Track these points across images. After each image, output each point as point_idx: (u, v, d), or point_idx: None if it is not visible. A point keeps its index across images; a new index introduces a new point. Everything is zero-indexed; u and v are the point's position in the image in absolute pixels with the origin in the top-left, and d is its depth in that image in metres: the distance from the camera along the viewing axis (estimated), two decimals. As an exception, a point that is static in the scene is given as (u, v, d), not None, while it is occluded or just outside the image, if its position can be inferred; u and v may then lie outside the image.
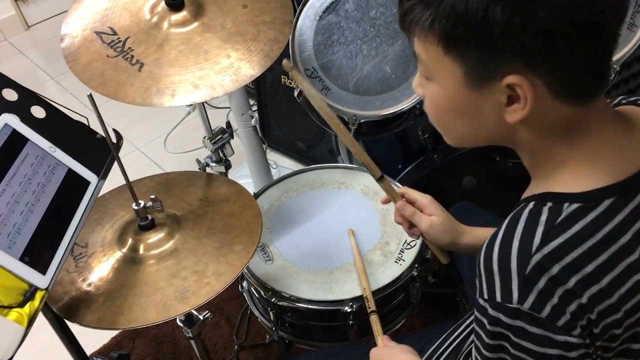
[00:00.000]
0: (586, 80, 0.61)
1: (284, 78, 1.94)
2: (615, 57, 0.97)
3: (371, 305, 1.07)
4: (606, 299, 0.60)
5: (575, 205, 0.61)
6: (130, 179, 0.99)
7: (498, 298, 0.61)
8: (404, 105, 1.27)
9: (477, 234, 1.01)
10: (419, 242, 1.19)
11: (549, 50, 0.57)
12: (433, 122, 0.72)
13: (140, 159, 2.40)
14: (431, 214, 0.99)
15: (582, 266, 0.59)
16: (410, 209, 1.01)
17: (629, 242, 0.61)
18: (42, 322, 0.90)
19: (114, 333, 1.73)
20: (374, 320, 1.04)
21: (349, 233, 1.22)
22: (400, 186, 1.09)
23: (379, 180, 1.01)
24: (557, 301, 0.59)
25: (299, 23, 1.28)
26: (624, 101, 0.73)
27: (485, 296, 0.63)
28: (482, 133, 0.69)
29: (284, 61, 0.92)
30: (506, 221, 0.65)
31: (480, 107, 0.64)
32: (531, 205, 0.64)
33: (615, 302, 0.60)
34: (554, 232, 0.60)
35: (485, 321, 0.63)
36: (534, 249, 0.60)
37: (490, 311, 0.62)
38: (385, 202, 1.06)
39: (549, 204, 0.63)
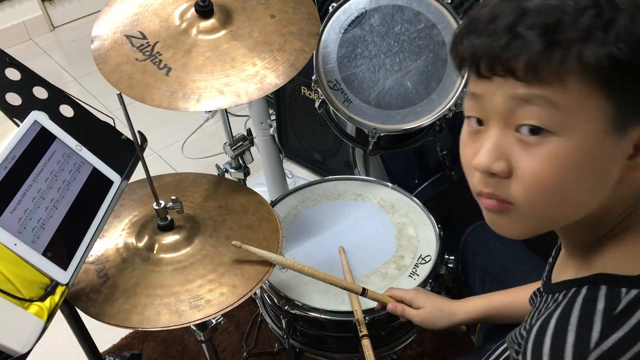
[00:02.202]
0: None
1: (303, 89, 1.95)
2: None
3: (362, 329, 1.06)
4: None
5: (634, 292, 0.54)
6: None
7: None
8: (425, 121, 1.28)
9: (470, 309, 1.06)
10: (433, 257, 1.19)
11: None
12: (534, 201, 0.56)
13: (157, 163, 2.42)
14: (419, 307, 1.04)
15: None
16: (399, 308, 1.06)
17: None
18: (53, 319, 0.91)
19: (124, 334, 1.74)
20: (366, 345, 1.04)
21: (340, 251, 1.21)
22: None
23: (362, 295, 1.06)
24: None
25: (323, 35, 1.29)
26: None
27: None
28: (596, 200, 0.57)
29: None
30: (558, 310, 0.58)
31: (613, 160, 0.54)
32: (584, 291, 0.57)
33: None
34: (614, 324, 0.53)
35: None
36: (592, 344, 0.53)
37: None
38: (380, 307, 1.10)
39: (604, 289, 0.56)
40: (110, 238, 1.05)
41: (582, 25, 0.50)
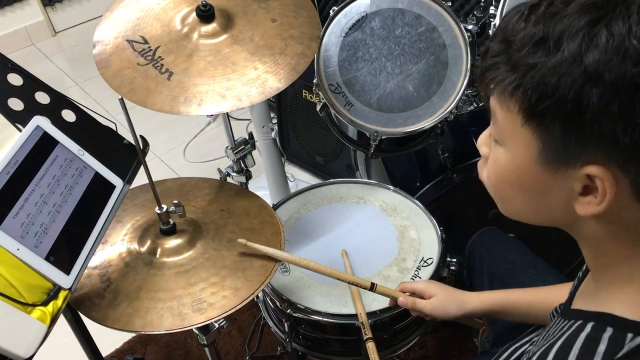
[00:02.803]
0: None
1: (305, 92, 1.96)
2: None
3: (367, 332, 1.06)
4: None
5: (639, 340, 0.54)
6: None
7: None
8: (426, 123, 1.28)
9: (483, 298, 1.04)
10: (436, 260, 1.19)
11: None
12: (488, 187, 0.65)
13: (159, 167, 2.43)
14: (430, 296, 1.03)
15: None
16: (410, 301, 1.05)
17: None
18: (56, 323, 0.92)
19: (126, 338, 1.74)
20: (371, 348, 1.04)
21: (343, 254, 1.22)
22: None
23: (371, 289, 1.06)
24: None
25: (325, 39, 1.30)
26: None
27: None
28: (542, 215, 0.61)
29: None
30: (560, 341, 0.58)
31: (549, 188, 0.57)
32: (588, 328, 0.57)
33: None
34: None
35: None
36: None
37: None
38: (392, 303, 1.09)
39: (609, 331, 0.55)
40: (113, 243, 1.05)
41: (512, 59, 0.53)
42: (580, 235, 0.61)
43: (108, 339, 1.72)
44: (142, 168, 0.99)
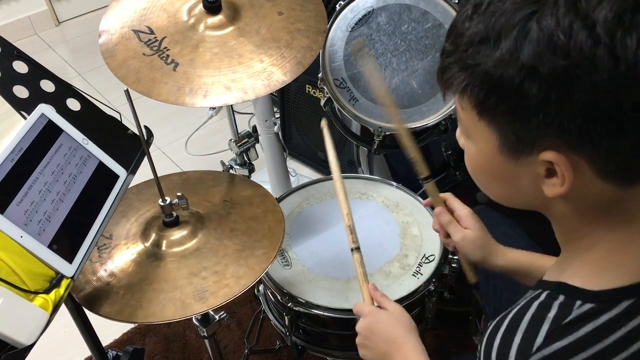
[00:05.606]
0: (636, 161, 0.55)
1: (308, 87, 1.95)
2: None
3: (355, 239, 0.98)
4: None
5: (587, 306, 0.58)
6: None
7: None
8: (430, 120, 1.28)
9: (510, 257, 1.00)
10: (437, 256, 1.19)
11: (590, 131, 0.52)
12: (471, 175, 0.70)
13: (161, 159, 2.43)
14: (467, 227, 0.99)
15: None
16: (447, 216, 1.00)
17: None
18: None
19: (125, 329, 1.74)
20: (357, 259, 0.97)
21: (322, 125, 1.13)
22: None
23: (425, 180, 0.99)
24: None
25: (330, 33, 1.30)
26: None
27: None
28: (517, 198, 0.65)
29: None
30: (516, 308, 0.62)
31: (516, 174, 0.60)
32: (543, 296, 0.61)
33: None
34: (559, 333, 0.57)
35: None
36: (534, 348, 0.57)
37: None
38: (428, 204, 1.06)
39: (561, 299, 0.59)
40: (118, 237, 1.05)
41: (461, 59, 0.56)
42: (551, 214, 0.65)
43: (107, 330, 1.72)
44: (145, 160, 0.99)
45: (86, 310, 0.98)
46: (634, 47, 0.49)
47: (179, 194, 1.02)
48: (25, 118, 0.89)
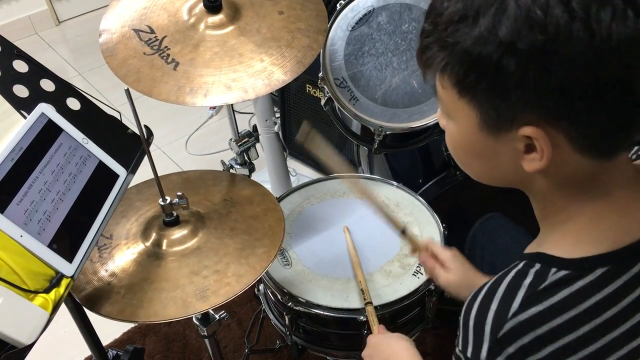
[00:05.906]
0: (612, 135, 0.56)
1: (308, 87, 1.95)
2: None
3: (367, 296, 1.08)
4: None
5: (562, 273, 0.59)
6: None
7: (468, 353, 0.61)
8: (431, 120, 1.27)
9: None
10: (438, 256, 1.19)
11: (568, 106, 0.53)
12: (452, 155, 0.71)
13: (161, 159, 2.43)
14: (449, 270, 1.02)
15: (559, 337, 0.57)
16: (430, 263, 1.04)
17: (616, 315, 0.59)
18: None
19: (126, 328, 1.74)
20: (370, 311, 1.06)
21: (344, 230, 1.24)
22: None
23: (403, 232, 1.05)
24: None
25: (331, 33, 1.29)
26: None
27: (460, 347, 0.64)
28: (498, 176, 0.67)
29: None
30: (495, 277, 0.64)
31: (496, 151, 0.61)
32: (520, 265, 0.63)
33: None
34: (535, 299, 0.58)
35: None
36: (510, 313, 0.58)
37: None
38: (412, 254, 1.09)
39: (537, 267, 0.61)
40: (118, 237, 1.05)
41: (440, 39, 0.56)
42: (530, 190, 0.66)
43: (107, 329, 1.72)
44: (145, 159, 0.99)
45: (86, 310, 0.98)
46: (609, 21, 0.50)
47: (179, 193, 1.02)
48: (25, 117, 0.89)
